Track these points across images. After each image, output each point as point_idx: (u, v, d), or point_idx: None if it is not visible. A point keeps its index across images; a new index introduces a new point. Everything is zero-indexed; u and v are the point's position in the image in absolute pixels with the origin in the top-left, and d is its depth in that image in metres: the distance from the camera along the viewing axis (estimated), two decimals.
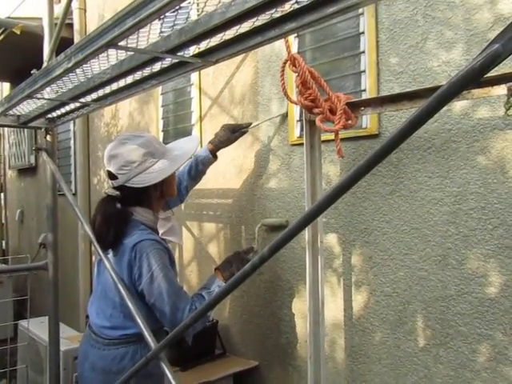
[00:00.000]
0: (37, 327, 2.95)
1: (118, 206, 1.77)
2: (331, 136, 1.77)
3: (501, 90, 1.28)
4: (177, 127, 2.83)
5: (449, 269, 1.62)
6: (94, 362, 1.75)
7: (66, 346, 2.60)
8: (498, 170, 1.49)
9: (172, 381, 1.40)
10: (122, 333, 1.72)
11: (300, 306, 2.12)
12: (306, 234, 1.75)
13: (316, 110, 1.62)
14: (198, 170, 2.21)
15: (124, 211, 1.76)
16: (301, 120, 2.04)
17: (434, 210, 1.65)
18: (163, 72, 1.47)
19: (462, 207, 1.58)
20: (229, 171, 2.41)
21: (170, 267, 1.73)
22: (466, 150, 1.56)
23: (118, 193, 1.77)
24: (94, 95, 1.75)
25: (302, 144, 1.88)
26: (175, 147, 1.92)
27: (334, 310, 1.97)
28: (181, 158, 1.82)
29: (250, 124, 2.21)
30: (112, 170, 1.75)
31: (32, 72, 1.59)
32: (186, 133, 2.74)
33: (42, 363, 2.84)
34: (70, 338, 2.75)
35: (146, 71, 1.47)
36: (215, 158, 2.22)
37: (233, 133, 2.18)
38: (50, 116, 2.13)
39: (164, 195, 1.85)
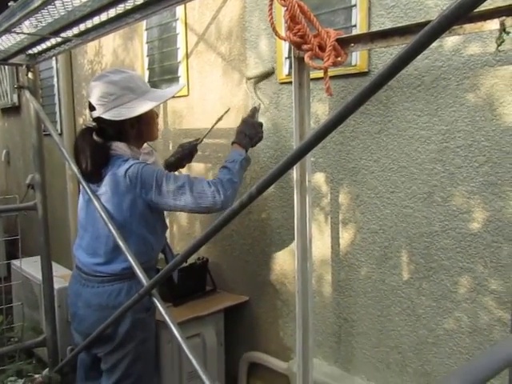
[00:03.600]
0: (30, 266, 3.00)
1: (96, 138, 1.78)
2: (320, 74, 1.73)
3: (493, 24, 1.25)
4: (163, 65, 2.75)
5: (434, 206, 1.65)
6: (88, 300, 1.80)
7: (59, 284, 2.66)
8: (486, 108, 1.49)
9: (164, 315, 1.45)
10: (116, 267, 1.76)
11: (288, 244, 2.17)
12: (294, 172, 1.76)
13: (305, 47, 1.58)
14: None
15: (101, 143, 1.78)
16: (289, 57, 2.00)
17: (422, 148, 1.66)
18: (147, 5, 1.41)
19: (450, 145, 1.59)
20: (217, 110, 2.37)
21: (168, 171, 1.80)
22: (456, 88, 1.55)
23: (94, 124, 1.79)
24: (75, 30, 1.69)
25: (290, 82, 1.85)
26: (159, 90, 1.92)
27: (321, 247, 2.02)
28: (160, 98, 1.82)
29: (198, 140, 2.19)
30: (91, 100, 1.76)
31: (9, 4, 1.52)
32: (173, 71, 2.67)
33: (36, 300, 2.91)
34: (63, 277, 2.80)
35: (129, 4, 1.41)
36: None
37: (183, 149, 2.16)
38: (30, 52, 2.06)
39: (142, 135, 1.85)
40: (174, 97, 2.64)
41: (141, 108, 1.74)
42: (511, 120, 1.44)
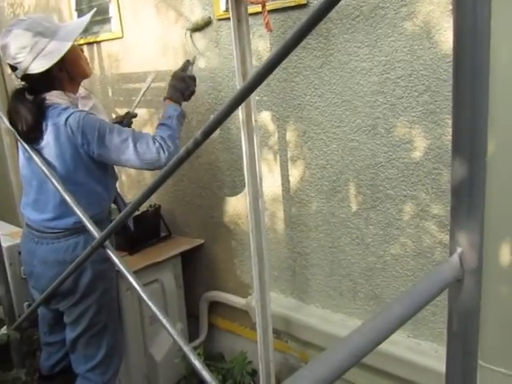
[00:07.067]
0: None
1: (29, 96, 1.70)
2: (258, 8, 1.69)
3: None
4: (91, 5, 2.58)
5: (378, 138, 1.68)
6: (44, 257, 1.77)
7: (8, 242, 2.58)
8: (423, 36, 1.50)
9: (119, 264, 1.45)
10: (68, 221, 1.72)
11: (239, 185, 2.18)
12: (240, 113, 1.74)
13: None
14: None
15: (34, 100, 1.68)
16: None
17: (364, 80, 1.66)
18: None
19: (390, 76, 1.60)
20: (154, 51, 2.28)
21: (111, 122, 1.73)
22: (394, 17, 1.54)
23: (23, 83, 1.70)
24: None
25: (228, 18, 1.78)
26: (67, 24, 1.84)
27: (272, 185, 2.04)
28: (72, 34, 1.70)
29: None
30: (8, 61, 1.65)
31: None
32: (104, 11, 2.51)
33: None
34: (10, 234, 2.71)
35: None
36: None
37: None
38: None
39: (74, 76, 1.77)
40: (107, 40, 2.52)
41: (59, 50, 1.64)
42: (447, 47, 1.45)
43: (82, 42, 2.63)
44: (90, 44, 2.64)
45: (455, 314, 0.74)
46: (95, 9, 1.89)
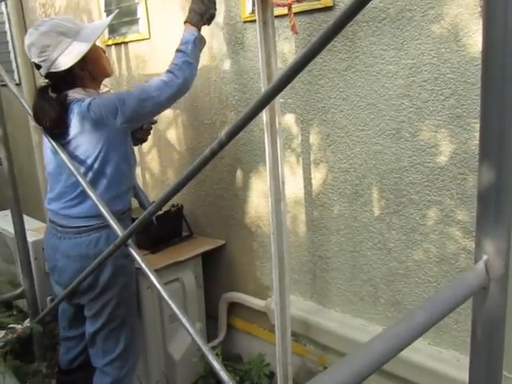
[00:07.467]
0: (1, 220, 2.95)
1: (52, 94, 1.77)
2: (284, 11, 1.69)
3: None
4: (120, 6, 2.61)
5: (402, 141, 1.66)
6: (67, 252, 1.81)
7: (33, 237, 2.63)
8: (451, 39, 1.48)
9: (141, 263, 1.46)
10: (89, 205, 1.74)
11: (261, 187, 2.18)
12: (264, 115, 1.74)
13: None
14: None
15: (57, 98, 1.75)
16: None
17: (389, 83, 1.65)
18: None
19: (416, 79, 1.58)
20: None
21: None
22: (421, 19, 1.52)
23: (46, 81, 1.78)
24: None
25: (254, 21, 1.79)
26: (90, 25, 1.89)
27: (294, 187, 2.04)
28: (93, 34, 1.77)
29: None
30: (33, 60, 1.72)
31: None
32: (132, 12, 2.54)
33: (11, 254, 2.89)
34: (36, 229, 2.77)
35: None
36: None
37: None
38: None
39: (95, 75, 1.83)
40: (135, 41, 2.55)
41: (81, 50, 1.71)
42: (475, 50, 1.43)
43: (110, 42, 2.68)
44: (117, 45, 2.68)
45: (480, 322, 0.72)
46: (117, 10, 1.95)
